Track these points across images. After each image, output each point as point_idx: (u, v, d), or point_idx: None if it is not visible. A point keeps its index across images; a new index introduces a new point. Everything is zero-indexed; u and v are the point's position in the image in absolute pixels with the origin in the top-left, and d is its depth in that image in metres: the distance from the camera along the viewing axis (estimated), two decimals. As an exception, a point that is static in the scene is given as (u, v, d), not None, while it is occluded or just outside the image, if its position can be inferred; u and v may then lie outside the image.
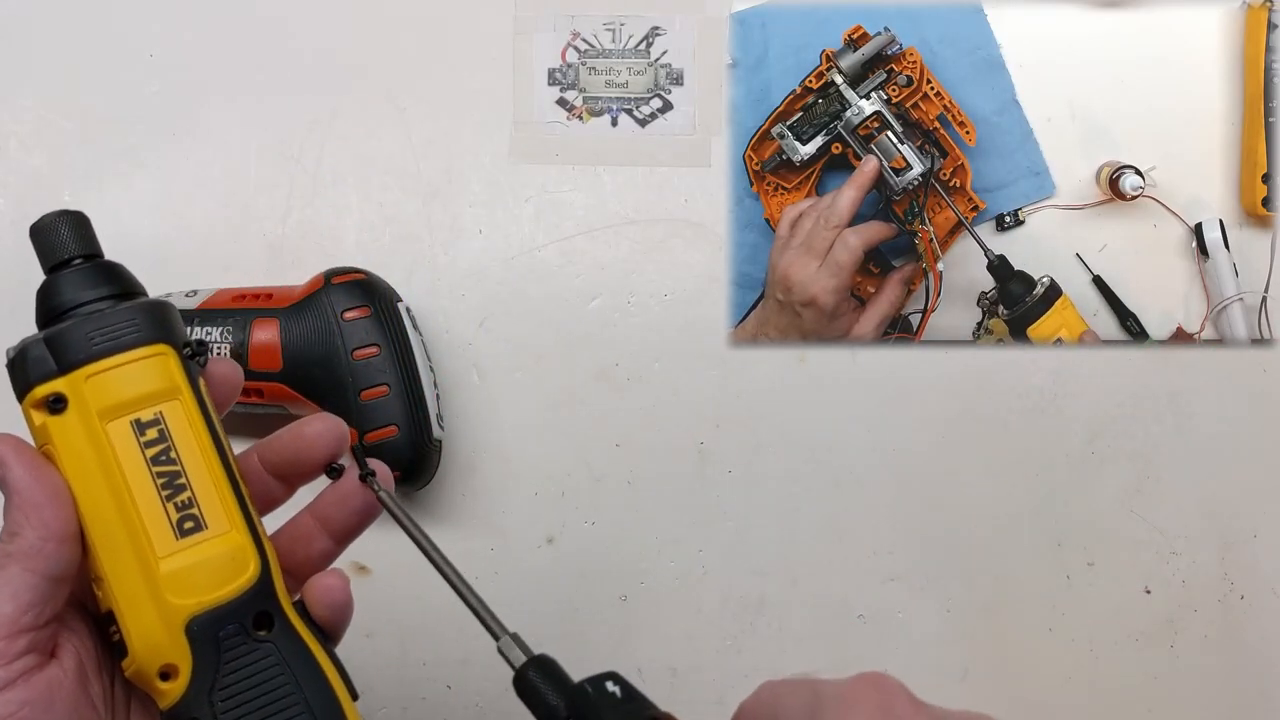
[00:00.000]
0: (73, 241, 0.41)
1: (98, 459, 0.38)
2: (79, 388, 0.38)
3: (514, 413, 0.64)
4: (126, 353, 0.38)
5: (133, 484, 0.38)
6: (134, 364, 0.39)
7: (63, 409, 0.38)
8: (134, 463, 0.38)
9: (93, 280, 0.40)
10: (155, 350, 0.39)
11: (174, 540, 0.38)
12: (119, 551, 0.38)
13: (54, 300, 0.40)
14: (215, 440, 0.39)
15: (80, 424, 0.38)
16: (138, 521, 0.38)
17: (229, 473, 0.39)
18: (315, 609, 0.40)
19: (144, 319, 0.39)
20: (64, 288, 0.40)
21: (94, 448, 0.38)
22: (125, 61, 0.68)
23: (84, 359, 0.38)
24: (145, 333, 0.39)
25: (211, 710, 0.37)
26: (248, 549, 0.39)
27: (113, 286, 0.40)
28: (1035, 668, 0.63)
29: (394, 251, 0.66)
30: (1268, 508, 0.65)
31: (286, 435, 0.42)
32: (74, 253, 0.41)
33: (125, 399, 0.38)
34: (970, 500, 0.65)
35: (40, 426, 0.38)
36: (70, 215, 0.41)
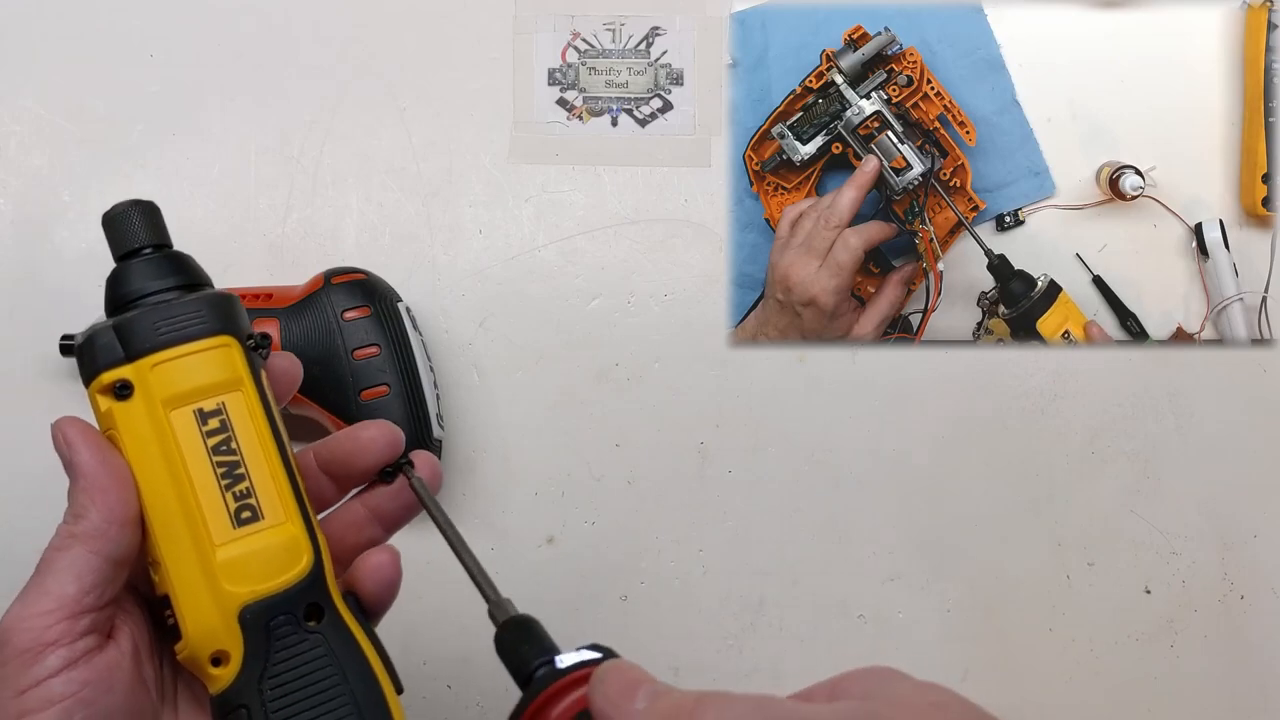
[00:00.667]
0: (143, 231, 0.41)
1: (160, 446, 0.38)
2: (145, 375, 0.39)
3: (514, 413, 0.64)
4: (192, 343, 0.39)
5: (193, 472, 0.38)
6: (199, 354, 0.39)
7: (128, 395, 0.39)
8: (195, 451, 0.39)
9: (161, 270, 0.41)
10: (220, 342, 0.40)
11: (231, 529, 0.39)
12: (178, 537, 0.38)
13: (122, 288, 0.40)
14: (275, 433, 0.40)
15: (145, 411, 0.39)
16: (197, 509, 0.38)
17: (286, 465, 0.40)
18: (365, 585, 0.41)
19: (210, 310, 0.40)
20: (133, 276, 0.40)
21: (157, 435, 0.38)
22: (125, 61, 0.68)
23: (150, 347, 0.39)
24: (210, 324, 0.40)
25: (260, 698, 0.38)
26: (302, 541, 0.39)
27: (180, 277, 0.41)
28: (1035, 668, 0.63)
29: (394, 251, 0.66)
30: (1268, 508, 0.65)
31: (343, 436, 0.42)
32: (144, 242, 0.41)
33: (189, 388, 0.39)
34: (970, 500, 0.65)
35: (105, 412, 0.39)
36: (141, 205, 0.41)
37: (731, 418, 0.65)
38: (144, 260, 0.41)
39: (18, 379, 0.64)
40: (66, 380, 0.64)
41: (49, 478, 0.38)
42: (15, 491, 0.62)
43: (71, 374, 0.63)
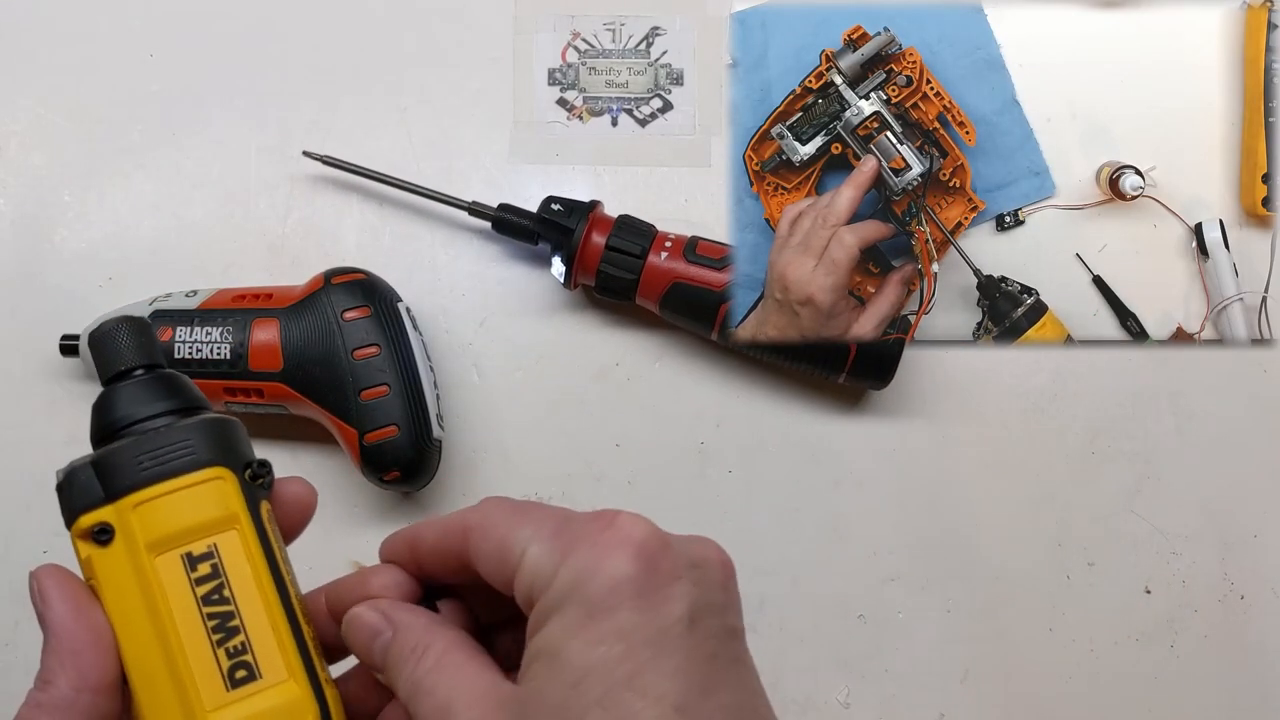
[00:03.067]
0: (132, 351, 0.38)
1: (144, 598, 0.34)
2: (126, 517, 0.35)
3: (514, 413, 0.64)
4: (179, 478, 0.35)
5: (181, 627, 0.34)
6: (186, 490, 0.35)
7: (108, 540, 0.35)
8: (183, 603, 0.35)
9: (149, 394, 0.37)
10: (211, 474, 0.36)
11: (224, 691, 0.34)
12: (164, 704, 0.34)
13: (107, 416, 0.37)
14: (275, 576, 0.36)
15: (127, 558, 0.35)
16: (185, 670, 0.34)
17: (289, 613, 0.36)
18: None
19: (200, 439, 0.36)
20: (117, 403, 0.37)
21: (140, 585, 0.35)
22: (125, 61, 0.68)
23: (130, 485, 0.35)
24: (201, 455, 0.36)
25: None
26: (305, 702, 0.35)
27: (171, 401, 0.37)
28: (1035, 668, 0.63)
29: (394, 251, 0.66)
30: (1268, 508, 0.65)
31: (353, 582, 0.38)
32: (133, 363, 0.37)
33: (175, 530, 0.35)
34: (970, 500, 0.65)
35: (85, 560, 0.35)
36: (131, 321, 0.38)
37: (731, 417, 0.65)
38: (132, 383, 0.37)
39: (18, 379, 0.64)
40: (66, 380, 0.64)
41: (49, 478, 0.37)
42: (15, 491, 0.62)
43: (71, 374, 0.64)
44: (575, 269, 0.61)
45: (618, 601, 0.31)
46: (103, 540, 0.35)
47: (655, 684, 0.30)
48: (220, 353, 0.58)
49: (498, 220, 0.63)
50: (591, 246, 0.61)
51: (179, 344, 0.58)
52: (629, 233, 0.61)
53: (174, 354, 0.58)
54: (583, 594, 0.32)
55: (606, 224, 0.61)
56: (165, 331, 0.59)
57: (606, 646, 0.31)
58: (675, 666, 0.31)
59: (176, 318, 0.59)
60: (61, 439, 0.63)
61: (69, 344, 0.61)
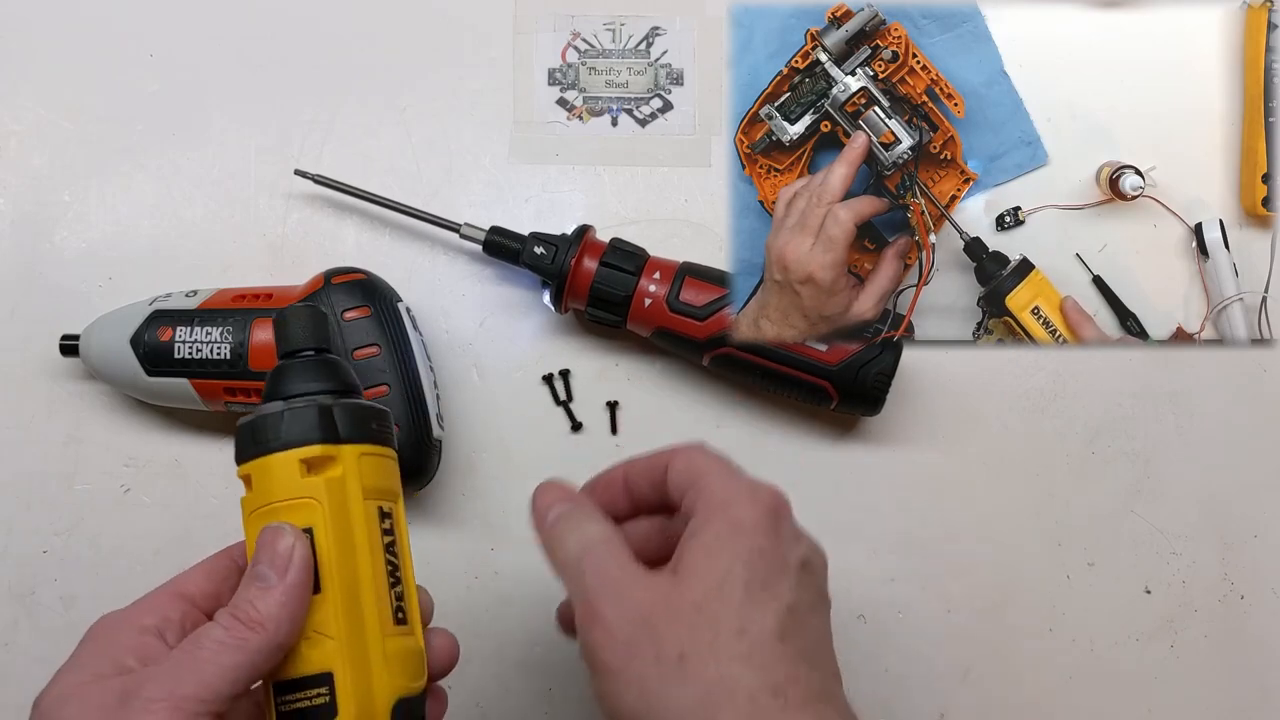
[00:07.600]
0: (319, 335, 0.44)
1: (364, 527, 0.41)
2: (356, 460, 0.41)
3: (514, 413, 0.64)
4: (383, 446, 0.42)
5: (375, 562, 0.41)
6: (385, 459, 0.43)
7: (339, 473, 0.41)
8: (377, 544, 0.41)
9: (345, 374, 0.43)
10: (392, 453, 0.43)
11: (392, 624, 0.41)
12: (362, 616, 0.40)
13: (333, 375, 0.43)
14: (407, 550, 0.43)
15: (354, 490, 0.41)
16: (377, 596, 0.40)
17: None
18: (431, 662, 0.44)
19: (391, 422, 0.43)
20: (339, 370, 0.43)
21: (360, 515, 0.41)
22: (125, 61, 0.68)
23: (362, 437, 0.41)
24: (390, 435, 0.43)
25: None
26: (423, 654, 0.42)
27: (352, 382, 0.44)
28: (1035, 668, 0.63)
29: (394, 252, 0.66)
30: (1268, 508, 0.65)
31: None
32: (317, 344, 0.44)
33: (380, 486, 0.42)
34: (970, 500, 0.65)
35: (310, 482, 0.40)
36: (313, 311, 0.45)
37: (733, 418, 0.65)
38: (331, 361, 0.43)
39: (18, 379, 0.64)
40: (66, 380, 0.64)
41: (49, 477, 0.37)
42: (15, 491, 0.62)
43: (71, 374, 0.64)
44: (565, 299, 0.61)
45: (757, 529, 0.40)
46: (324, 470, 0.40)
47: (777, 594, 0.40)
48: (220, 353, 0.58)
49: (488, 244, 0.62)
50: (580, 280, 0.61)
51: (179, 344, 0.58)
52: (613, 281, 0.60)
53: (174, 354, 0.58)
54: (733, 516, 0.40)
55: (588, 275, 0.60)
56: (165, 331, 0.59)
57: (741, 559, 0.40)
58: (788, 586, 0.40)
59: (176, 318, 0.59)
60: (61, 439, 0.63)
61: (69, 344, 0.61)
